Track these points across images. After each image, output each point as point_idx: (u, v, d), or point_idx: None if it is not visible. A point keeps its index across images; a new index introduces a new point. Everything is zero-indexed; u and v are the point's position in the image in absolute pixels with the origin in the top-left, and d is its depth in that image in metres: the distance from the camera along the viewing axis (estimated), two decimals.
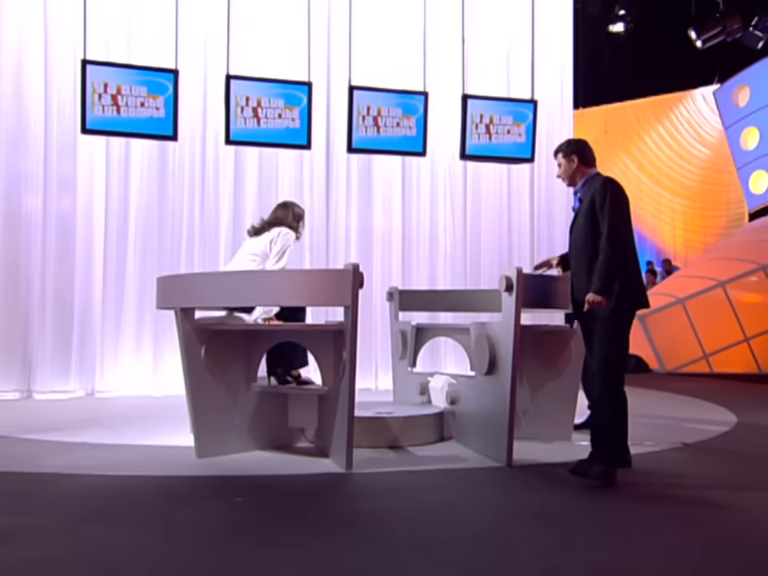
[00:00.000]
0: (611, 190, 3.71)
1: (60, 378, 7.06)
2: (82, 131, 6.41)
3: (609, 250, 3.62)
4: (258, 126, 6.81)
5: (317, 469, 3.90)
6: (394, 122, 7.12)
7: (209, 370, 4.18)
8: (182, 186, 7.42)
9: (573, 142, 4.02)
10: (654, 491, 3.61)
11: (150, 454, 4.29)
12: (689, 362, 10.77)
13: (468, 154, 7.43)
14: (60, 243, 7.09)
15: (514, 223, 8.40)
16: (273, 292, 3.82)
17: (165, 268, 7.33)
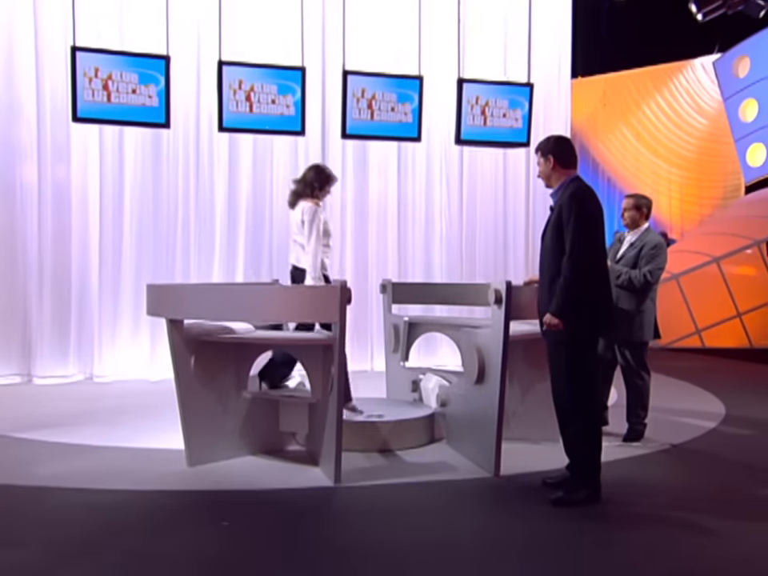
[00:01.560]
0: (578, 204, 3.41)
1: (59, 362, 7.01)
2: (74, 119, 6.20)
3: (569, 273, 3.39)
4: (251, 113, 6.61)
5: (305, 481, 3.84)
6: (389, 107, 6.91)
7: (199, 379, 4.11)
8: (177, 171, 7.24)
9: (552, 141, 3.65)
10: (637, 512, 3.53)
11: (141, 460, 4.23)
12: (681, 337, 10.70)
13: (463, 139, 7.22)
14: (56, 229, 6.96)
15: (510, 206, 8.25)
16: (259, 308, 3.71)
17: (161, 253, 7.23)
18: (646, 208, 4.87)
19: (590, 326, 3.48)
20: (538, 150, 3.66)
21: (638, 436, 4.82)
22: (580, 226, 3.38)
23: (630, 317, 4.72)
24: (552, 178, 3.61)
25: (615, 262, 4.85)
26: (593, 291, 3.45)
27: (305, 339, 3.94)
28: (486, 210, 8.17)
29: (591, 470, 3.58)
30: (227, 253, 7.41)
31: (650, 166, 15.59)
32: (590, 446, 3.56)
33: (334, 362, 3.74)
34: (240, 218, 7.47)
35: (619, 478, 4.01)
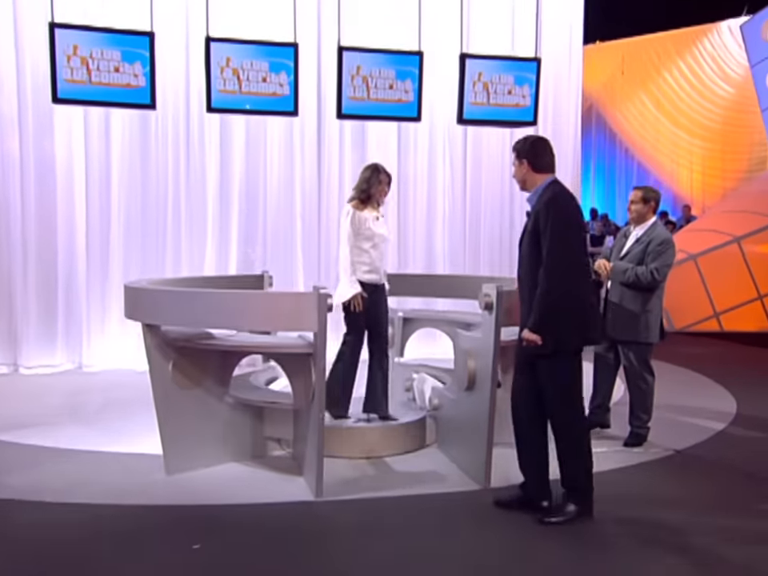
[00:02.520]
0: (555, 210, 3.29)
1: (46, 351, 7.02)
2: (54, 101, 6.11)
3: (546, 285, 3.28)
4: (240, 92, 6.48)
5: (286, 494, 3.80)
6: (386, 84, 6.74)
7: (177, 385, 4.07)
8: (166, 153, 7.13)
9: (527, 143, 3.51)
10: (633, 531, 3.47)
11: (117, 468, 4.20)
12: (698, 321, 10.55)
13: (466, 119, 7.06)
14: (41, 213, 6.90)
15: (516, 188, 8.02)
16: (232, 316, 3.64)
17: (150, 237, 7.16)
18: (654, 201, 4.73)
19: (571, 339, 3.38)
20: (514, 151, 3.55)
21: (641, 441, 4.74)
22: (557, 233, 3.26)
23: (635, 316, 4.61)
24: (527, 181, 3.49)
25: (620, 258, 4.73)
26: (573, 303, 3.32)
27: (286, 346, 3.87)
28: (492, 192, 8.02)
29: (583, 488, 3.51)
30: (219, 238, 7.32)
31: (671, 137, 15.27)
32: (579, 461, 3.49)
33: (315, 371, 3.67)
34: (233, 202, 7.36)
35: (615, 491, 3.94)
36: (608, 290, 4.76)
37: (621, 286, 4.65)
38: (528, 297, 3.40)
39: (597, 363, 4.93)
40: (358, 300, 4.37)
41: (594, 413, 5.02)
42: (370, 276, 4.47)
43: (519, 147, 3.51)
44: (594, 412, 5.02)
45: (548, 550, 3.24)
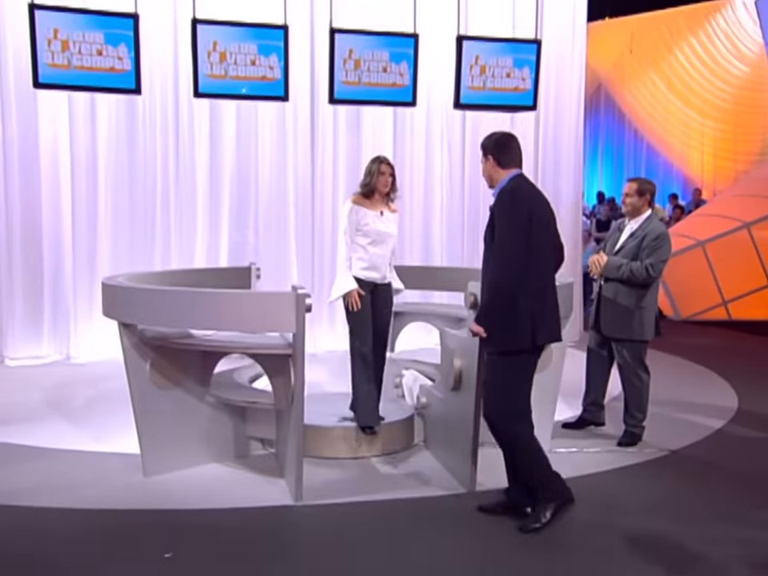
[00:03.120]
0: (507, 203, 3.29)
1: (33, 343, 7.00)
2: (35, 85, 6.04)
3: (492, 278, 3.30)
4: (228, 76, 6.39)
5: (266, 497, 3.78)
6: (379, 68, 6.63)
7: (155, 384, 4.04)
8: (154, 140, 7.06)
9: (492, 139, 3.48)
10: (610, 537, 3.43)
11: (94, 468, 4.19)
12: (706, 309, 10.45)
13: (462, 103, 6.97)
14: (25, 201, 6.84)
15: None
16: (206, 316, 3.60)
17: (139, 225, 7.12)
18: (650, 194, 4.65)
19: (520, 341, 3.33)
20: (481, 148, 3.51)
21: (635, 440, 4.70)
22: (507, 227, 3.25)
23: (629, 313, 4.55)
24: (493, 178, 3.47)
25: (614, 252, 4.66)
26: (523, 301, 3.28)
27: (264, 346, 3.83)
28: None
29: (539, 482, 3.47)
30: (210, 227, 7.27)
31: (682, 117, 15.05)
32: (531, 462, 3.46)
33: (294, 372, 3.64)
34: (224, 190, 7.28)
35: (601, 494, 3.93)
36: (602, 285, 4.70)
37: (614, 282, 4.58)
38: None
39: (589, 359, 4.89)
40: (354, 297, 4.27)
41: (587, 410, 4.99)
42: (367, 273, 4.37)
43: (485, 144, 3.49)
44: (587, 409, 4.99)
45: (521, 558, 3.22)
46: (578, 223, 8.31)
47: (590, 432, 4.97)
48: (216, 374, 4.57)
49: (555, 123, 8.09)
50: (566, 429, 4.99)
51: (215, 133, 7.18)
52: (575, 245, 8.17)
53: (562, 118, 8.11)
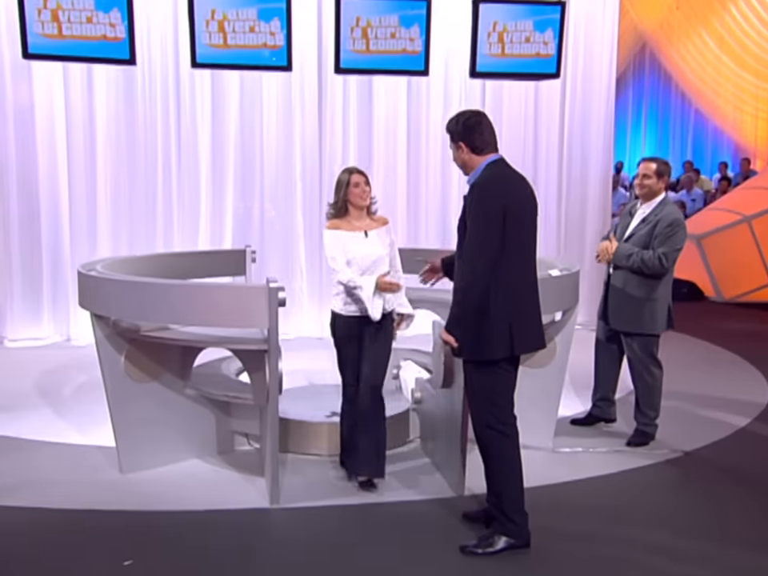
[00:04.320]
0: (478, 197, 3.06)
1: (32, 324, 7.09)
2: (24, 56, 6.04)
3: (460, 281, 3.12)
4: (226, 45, 6.30)
5: (241, 499, 3.76)
6: (387, 33, 6.47)
7: (131, 377, 4.03)
8: (155, 114, 7.03)
9: (459, 123, 3.20)
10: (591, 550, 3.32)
11: (71, 463, 4.23)
12: (751, 290, 10.12)
13: (479, 71, 6.79)
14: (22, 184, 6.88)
15: (541, 150, 7.78)
16: (175, 309, 3.56)
17: (139, 206, 7.13)
18: (668, 176, 4.45)
19: (495, 350, 3.15)
20: (448, 132, 3.25)
21: (646, 440, 4.57)
22: (478, 225, 3.04)
23: (639, 305, 4.39)
24: (468, 165, 3.22)
25: (624, 239, 4.49)
26: (498, 307, 3.10)
27: (241, 341, 3.78)
28: (513, 154, 7.53)
29: (508, 517, 3.25)
30: (213, 202, 7.25)
31: (734, 80, 14.47)
32: (501, 481, 3.27)
33: (269, 369, 3.59)
34: (228, 165, 7.24)
35: (598, 500, 3.84)
36: (610, 273, 4.54)
37: (625, 270, 4.42)
38: None
39: (598, 351, 4.75)
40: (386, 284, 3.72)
41: (596, 406, 4.87)
42: (352, 307, 3.82)
43: (452, 128, 3.22)
44: (596, 405, 4.87)
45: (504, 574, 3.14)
46: (607, 201, 8.06)
47: (599, 430, 4.85)
48: (201, 365, 4.57)
49: (584, 92, 7.81)
50: (575, 425, 4.89)
51: (218, 105, 7.11)
52: (605, 223, 7.95)
53: (592, 86, 7.83)
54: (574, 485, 4.03)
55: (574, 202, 7.93)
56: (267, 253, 7.31)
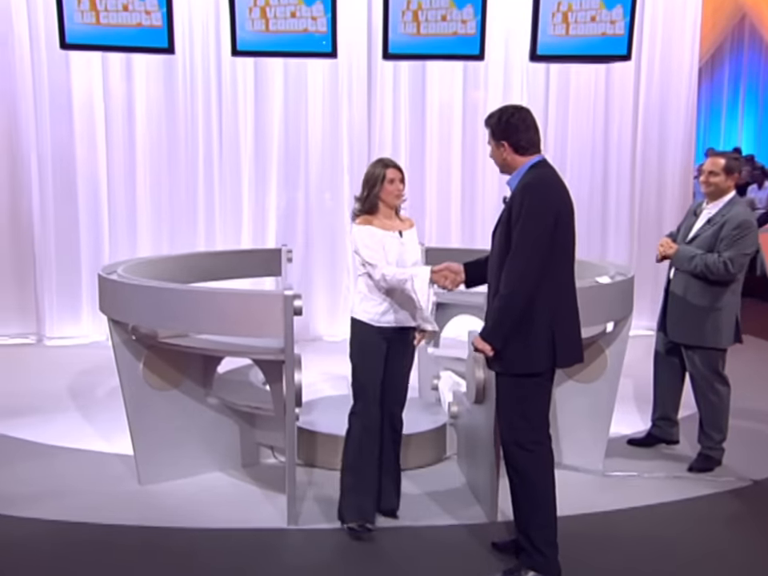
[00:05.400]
0: (531, 198, 3.01)
1: (71, 322, 7.34)
2: (62, 46, 6.23)
3: (508, 287, 3.02)
4: (268, 30, 6.34)
5: (258, 517, 3.79)
6: (438, 16, 6.40)
7: (150, 385, 4.11)
8: (195, 104, 7.19)
9: (502, 120, 3.14)
10: None
11: (91, 472, 4.35)
12: None
13: (540, 54, 6.64)
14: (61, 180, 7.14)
15: (613, 141, 7.58)
16: (188, 317, 3.60)
17: (180, 198, 7.27)
18: (738, 172, 4.24)
19: (536, 363, 3.10)
20: (488, 127, 3.21)
21: (711, 465, 4.39)
22: (530, 229, 3.00)
23: (702, 315, 4.21)
24: (509, 165, 3.19)
25: (688, 241, 4.31)
26: (542, 315, 3.06)
27: (258, 350, 3.80)
28: (580, 143, 7.60)
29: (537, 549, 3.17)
30: (256, 195, 7.37)
31: None
32: (531, 508, 3.19)
33: (285, 380, 3.60)
34: (271, 156, 7.34)
35: (651, 531, 3.69)
36: (670, 278, 4.37)
37: (686, 276, 4.24)
38: (494, 298, 3.15)
39: (657, 365, 4.60)
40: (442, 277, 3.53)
41: (656, 425, 4.72)
42: (389, 317, 3.60)
43: (493, 125, 3.18)
44: (656, 425, 4.72)
45: None
46: (687, 198, 7.80)
47: (659, 452, 4.69)
48: (227, 372, 4.64)
49: (662, 75, 7.58)
50: (632, 446, 4.74)
51: (261, 95, 7.22)
52: None
53: (671, 69, 7.59)
54: (620, 514, 3.90)
55: (649, 199, 7.72)
56: (312, 250, 7.36)
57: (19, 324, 7.28)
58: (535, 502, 3.20)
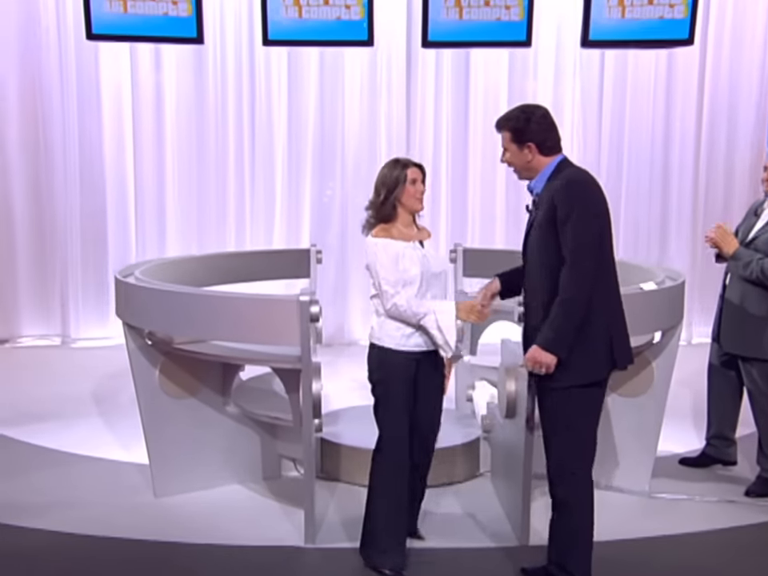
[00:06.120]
0: (579, 194, 3.00)
1: (98, 323, 7.49)
2: (88, 37, 6.35)
3: (572, 291, 2.97)
4: (300, 18, 6.37)
5: (275, 535, 3.79)
6: (480, 1, 6.34)
7: (166, 393, 4.16)
8: (226, 96, 7.28)
9: (533, 120, 3.09)
10: None
11: (107, 482, 4.43)
12: None
13: (592, 40, 6.53)
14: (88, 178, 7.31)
15: (675, 133, 7.43)
16: (202, 322, 3.63)
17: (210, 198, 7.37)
18: None
19: (598, 370, 3.09)
20: (502, 129, 3.16)
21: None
22: (583, 229, 2.97)
23: (761, 324, 4.09)
24: (532, 168, 3.15)
25: (746, 244, 4.18)
26: (599, 319, 3.04)
27: (277, 357, 3.81)
28: (638, 133, 7.47)
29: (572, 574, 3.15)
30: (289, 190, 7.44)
31: None
32: (572, 536, 3.15)
33: (302, 389, 3.60)
34: (306, 150, 7.38)
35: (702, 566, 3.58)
36: (726, 285, 4.25)
37: (743, 281, 4.12)
38: (544, 312, 3.06)
39: (711, 379, 4.48)
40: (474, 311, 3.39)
41: (711, 444, 4.61)
42: (417, 339, 3.37)
43: (521, 127, 3.10)
44: (710, 443, 4.60)
45: None
46: (757, 194, 7.61)
47: (714, 473, 4.57)
48: (250, 379, 4.67)
49: (731, 60, 7.40)
50: (685, 466, 4.63)
51: (295, 86, 7.26)
52: None
53: (741, 55, 7.40)
54: (664, 540, 3.80)
55: (715, 195, 7.54)
56: (348, 250, 7.38)
57: (43, 324, 7.47)
58: (581, 533, 3.17)
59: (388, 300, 3.31)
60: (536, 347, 3.04)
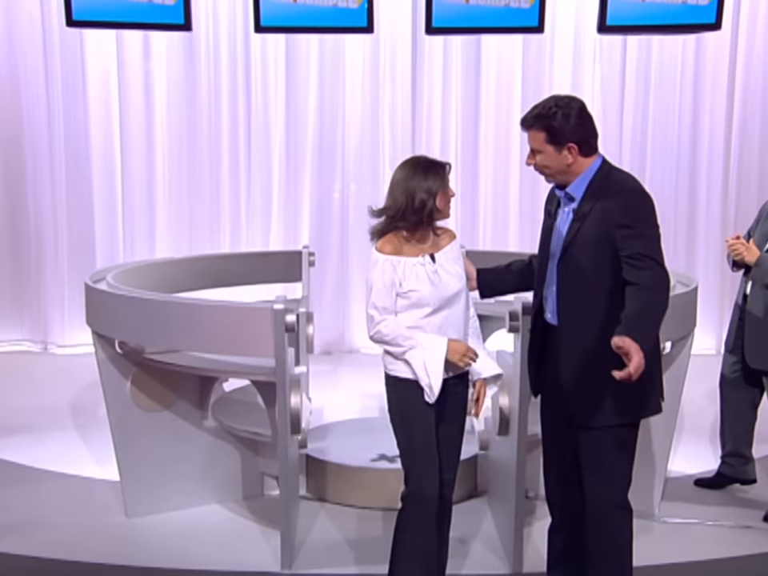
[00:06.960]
0: (645, 205, 2.89)
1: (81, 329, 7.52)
2: (68, 24, 6.39)
3: (655, 295, 2.81)
4: (294, 3, 6.37)
5: (250, 559, 3.80)
6: None
7: (139, 407, 4.19)
8: (219, 86, 7.31)
9: (572, 116, 2.86)
10: None
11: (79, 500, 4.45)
12: None
13: (610, 25, 6.48)
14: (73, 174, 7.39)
15: (703, 126, 7.37)
16: (173, 332, 3.65)
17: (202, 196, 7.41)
18: None
19: (656, 401, 3.09)
20: (537, 128, 2.89)
21: None
22: (655, 235, 2.89)
23: None
24: (570, 172, 2.92)
25: (767, 249, 4.14)
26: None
27: (252, 369, 3.83)
28: (663, 125, 7.42)
29: None
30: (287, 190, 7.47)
31: None
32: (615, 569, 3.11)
33: (277, 403, 3.61)
34: (305, 142, 7.42)
35: None
36: (746, 295, 4.20)
37: (763, 289, 4.08)
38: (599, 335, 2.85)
39: (724, 393, 4.45)
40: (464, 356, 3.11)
41: (726, 463, 4.57)
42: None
43: (561, 125, 2.85)
44: (725, 462, 4.55)
45: None
46: None
47: (731, 495, 4.53)
48: (231, 391, 4.70)
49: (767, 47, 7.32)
50: (700, 487, 4.60)
51: (292, 75, 7.28)
52: None
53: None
54: (672, 569, 3.77)
55: (748, 197, 7.44)
56: (349, 251, 7.39)
57: (20, 329, 7.55)
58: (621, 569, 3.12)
59: (372, 327, 3.14)
60: (628, 339, 2.67)
